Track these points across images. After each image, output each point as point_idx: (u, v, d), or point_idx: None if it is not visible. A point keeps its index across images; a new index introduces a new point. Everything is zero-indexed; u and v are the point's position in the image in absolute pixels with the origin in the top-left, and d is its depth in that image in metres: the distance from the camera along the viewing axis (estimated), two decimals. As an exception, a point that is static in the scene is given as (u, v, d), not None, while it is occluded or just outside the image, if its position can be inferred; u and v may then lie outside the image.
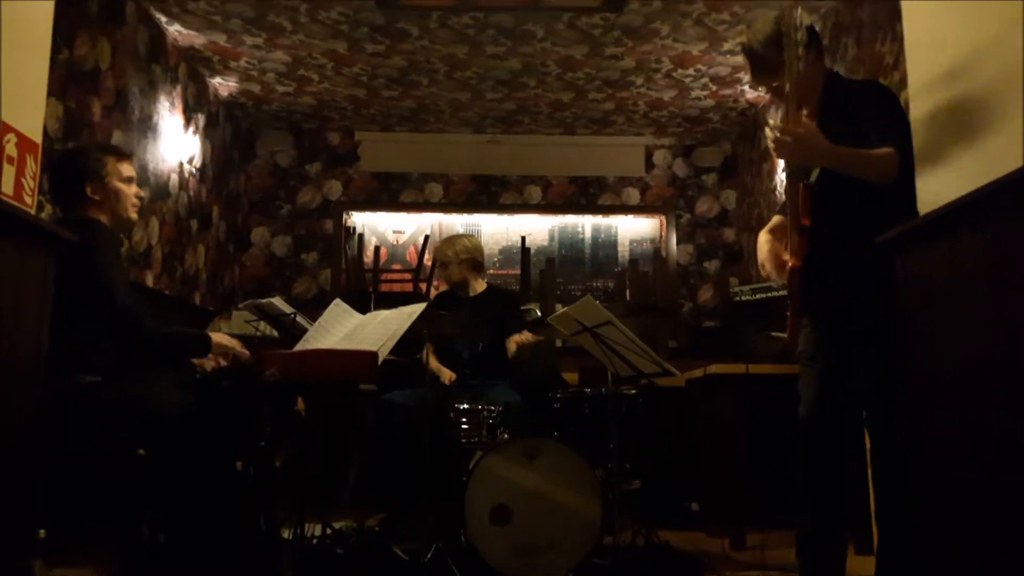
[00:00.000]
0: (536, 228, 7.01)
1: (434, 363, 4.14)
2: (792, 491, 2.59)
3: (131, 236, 4.58)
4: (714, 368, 3.96)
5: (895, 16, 3.73)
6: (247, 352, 2.96)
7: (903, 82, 3.58)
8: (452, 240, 4.44)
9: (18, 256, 2.04)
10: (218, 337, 2.88)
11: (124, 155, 2.93)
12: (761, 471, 3.85)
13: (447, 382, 4.04)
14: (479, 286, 4.43)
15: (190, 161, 5.47)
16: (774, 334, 4.00)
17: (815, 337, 2.58)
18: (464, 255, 4.35)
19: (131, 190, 2.88)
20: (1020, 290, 1.70)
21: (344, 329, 3.17)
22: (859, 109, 2.44)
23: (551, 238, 7.03)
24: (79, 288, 2.52)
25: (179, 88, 5.25)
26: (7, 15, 2.00)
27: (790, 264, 2.44)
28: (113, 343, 2.69)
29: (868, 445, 2.71)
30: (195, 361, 3.00)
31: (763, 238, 2.69)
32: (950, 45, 2.10)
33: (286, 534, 3.19)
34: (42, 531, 2.45)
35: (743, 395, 3.90)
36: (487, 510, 3.12)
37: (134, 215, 2.91)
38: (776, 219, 2.76)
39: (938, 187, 2.11)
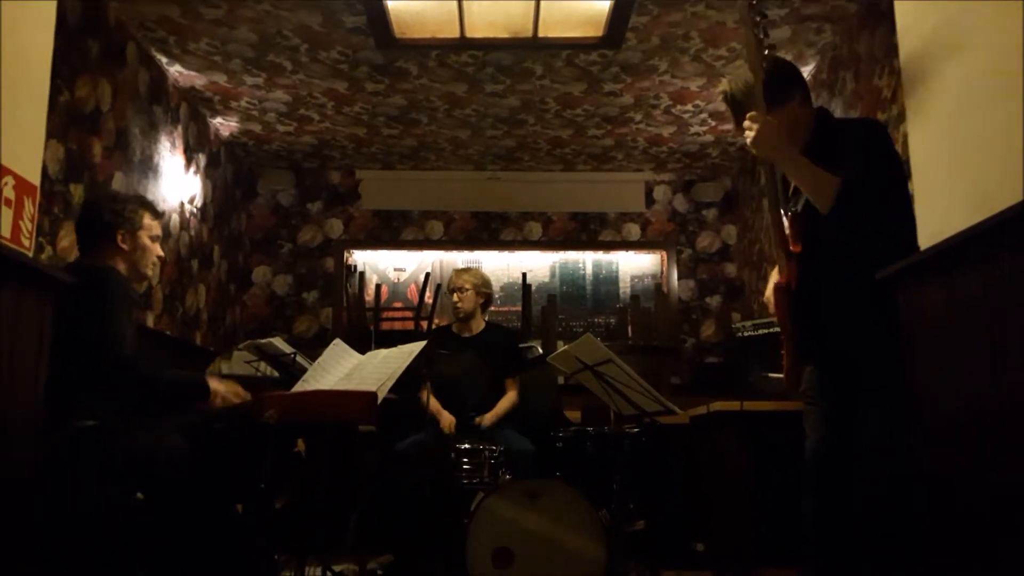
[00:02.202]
0: (537, 264, 7.00)
1: (435, 405, 4.10)
2: (800, 530, 2.55)
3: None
4: (717, 405, 3.93)
5: (892, 50, 3.75)
6: (248, 396, 2.92)
7: (901, 115, 3.59)
8: (469, 270, 4.49)
9: (15, 300, 2.02)
10: (216, 385, 2.82)
11: (159, 214, 2.95)
12: (768, 510, 3.79)
13: (447, 430, 3.99)
14: (480, 324, 4.41)
15: (191, 201, 5.48)
16: (772, 375, 3.97)
17: (817, 376, 2.55)
18: (482, 288, 4.37)
19: (155, 249, 2.89)
20: (1019, 326, 1.67)
21: (343, 369, 3.14)
22: (845, 147, 2.43)
23: (552, 274, 7.03)
24: (84, 333, 2.50)
25: (180, 128, 5.27)
26: (5, 58, 2.00)
27: (777, 280, 2.44)
28: (112, 388, 2.66)
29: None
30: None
31: (773, 279, 2.68)
32: (948, 79, 2.10)
33: (286, 578, 3.14)
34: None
35: (747, 432, 3.85)
36: (489, 553, 3.08)
37: (151, 272, 2.92)
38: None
39: (938, 222, 2.10)
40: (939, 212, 2.12)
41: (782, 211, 2.49)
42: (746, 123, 2.41)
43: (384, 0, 4.20)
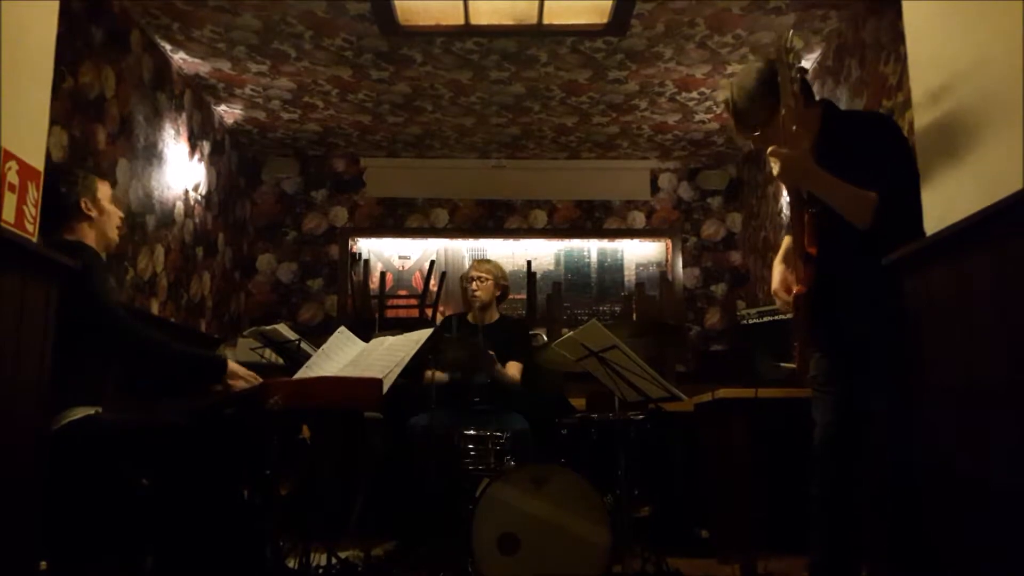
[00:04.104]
0: (542, 252, 6.99)
1: (429, 374, 4.13)
2: (805, 517, 2.55)
3: (136, 264, 4.58)
4: (722, 392, 3.92)
5: (898, 37, 3.73)
6: (260, 380, 2.88)
7: (907, 102, 3.57)
8: (489, 261, 4.53)
9: (20, 285, 2.03)
10: (235, 366, 2.78)
11: (104, 178, 2.92)
12: (772, 496, 3.80)
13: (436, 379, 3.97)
14: (495, 315, 4.42)
15: (195, 188, 5.48)
16: (783, 364, 3.97)
17: (827, 363, 2.54)
18: (501, 280, 4.39)
19: (116, 210, 2.85)
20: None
21: (349, 356, 3.14)
22: (857, 145, 2.41)
23: (557, 262, 7.02)
24: (76, 315, 2.48)
25: (184, 115, 5.27)
26: (9, 43, 2.00)
27: (795, 290, 2.43)
28: (115, 371, 2.66)
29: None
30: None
31: (777, 268, 2.67)
32: (954, 65, 2.09)
33: (292, 564, 3.15)
34: (43, 563, 2.42)
35: (752, 419, 3.85)
36: (494, 539, 3.08)
37: (117, 237, 2.87)
38: (787, 242, 2.74)
39: (944, 207, 2.09)
40: (945, 198, 2.11)
41: (806, 212, 2.48)
42: (770, 156, 2.39)
43: (388, -14, 4.19)
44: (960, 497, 1.95)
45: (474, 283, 4.36)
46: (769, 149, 2.40)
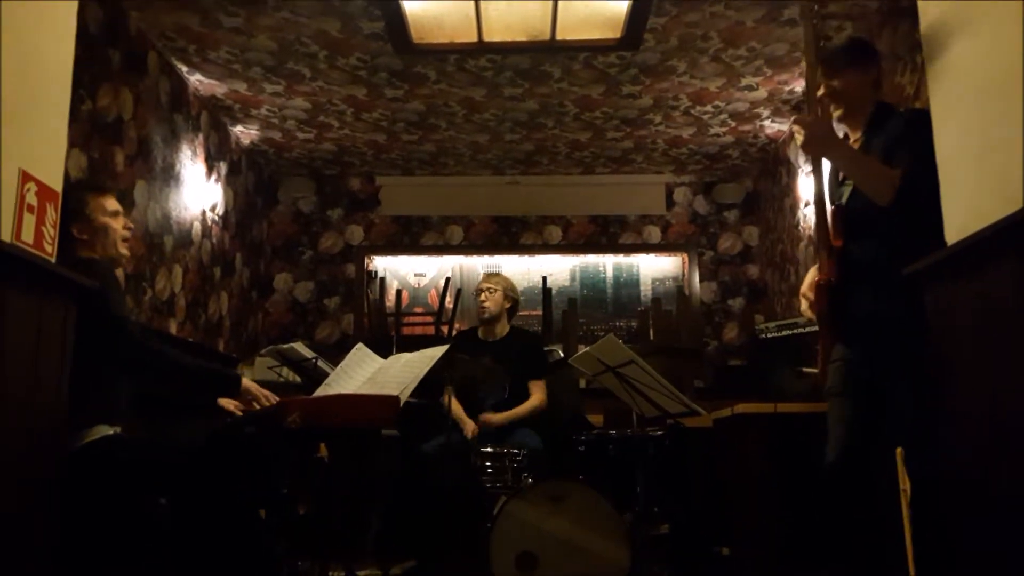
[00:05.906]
0: (557, 268, 6.99)
1: (457, 410, 4.06)
2: (827, 533, 2.51)
3: (154, 284, 4.60)
4: (742, 407, 3.88)
5: (915, 46, 3.71)
6: (276, 399, 2.87)
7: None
8: (498, 274, 4.52)
9: (38, 305, 2.04)
10: (249, 383, 2.77)
11: (106, 190, 2.85)
12: (794, 513, 3.74)
13: (470, 435, 3.94)
14: (504, 329, 4.39)
15: (213, 209, 5.51)
16: (805, 370, 3.92)
17: (843, 372, 2.52)
18: (510, 292, 4.38)
19: (118, 224, 2.76)
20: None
21: (366, 373, 3.14)
22: (897, 135, 2.42)
23: (572, 278, 7.01)
24: (90, 332, 2.46)
25: (201, 137, 5.30)
26: (26, 67, 2.02)
27: (817, 279, 2.43)
28: (131, 388, 2.66)
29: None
30: (222, 404, 2.93)
31: (812, 274, 2.67)
32: (973, 74, 2.07)
33: (309, 583, 3.14)
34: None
35: (773, 435, 3.80)
36: (512, 557, 3.06)
37: (124, 250, 2.79)
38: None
39: (965, 216, 2.07)
40: (965, 207, 2.08)
41: (834, 206, 2.50)
42: (794, 125, 2.42)
43: (402, 5, 4.21)
44: (980, 511, 1.92)
45: (483, 295, 4.35)
46: (793, 119, 2.45)
